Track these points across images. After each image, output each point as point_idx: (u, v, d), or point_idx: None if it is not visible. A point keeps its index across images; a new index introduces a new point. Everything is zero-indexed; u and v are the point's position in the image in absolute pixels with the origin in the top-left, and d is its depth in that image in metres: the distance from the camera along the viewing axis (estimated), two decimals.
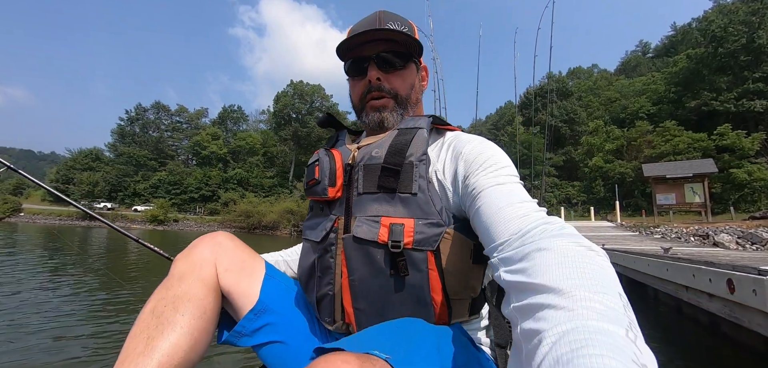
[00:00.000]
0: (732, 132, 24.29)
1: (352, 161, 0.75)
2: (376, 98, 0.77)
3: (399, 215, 0.65)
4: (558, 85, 41.28)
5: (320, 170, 0.75)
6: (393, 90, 0.77)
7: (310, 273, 0.76)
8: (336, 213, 0.73)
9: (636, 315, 0.31)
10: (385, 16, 0.78)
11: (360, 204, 0.70)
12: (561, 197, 30.97)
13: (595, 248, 0.41)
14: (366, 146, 0.75)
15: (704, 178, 17.62)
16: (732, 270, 2.84)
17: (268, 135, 51.22)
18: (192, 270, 0.70)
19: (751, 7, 29.56)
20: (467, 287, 0.67)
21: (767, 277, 2.42)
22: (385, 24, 0.76)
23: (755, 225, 13.34)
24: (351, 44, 0.78)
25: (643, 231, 15.34)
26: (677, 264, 3.88)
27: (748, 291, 2.56)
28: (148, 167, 47.03)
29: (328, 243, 0.72)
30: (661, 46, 58.03)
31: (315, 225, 0.78)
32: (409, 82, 0.80)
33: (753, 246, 11.13)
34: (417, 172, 0.67)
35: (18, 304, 4.60)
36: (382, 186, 0.68)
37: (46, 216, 34.65)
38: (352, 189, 0.72)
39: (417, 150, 0.69)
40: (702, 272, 3.32)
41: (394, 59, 0.77)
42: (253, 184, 43.44)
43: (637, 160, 27.60)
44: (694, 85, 30.53)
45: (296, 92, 46.61)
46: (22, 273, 6.93)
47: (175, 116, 54.96)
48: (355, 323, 0.69)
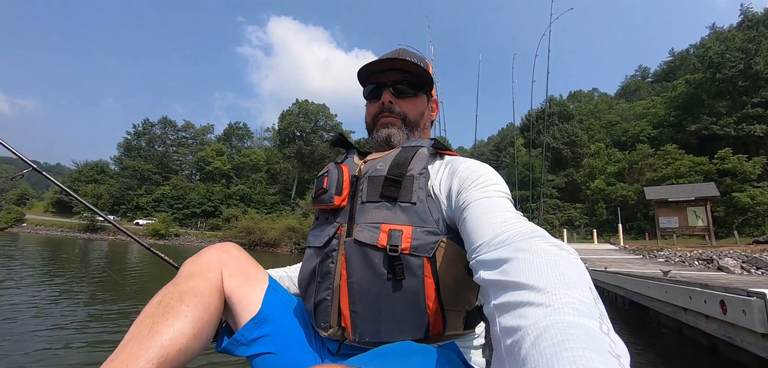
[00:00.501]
0: (733, 156, 24.38)
1: (358, 173, 0.81)
2: (387, 117, 0.86)
3: (398, 222, 0.69)
4: (559, 108, 41.76)
5: (329, 180, 0.81)
6: (402, 112, 0.86)
7: (310, 279, 0.79)
8: (340, 221, 0.77)
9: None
10: (404, 52, 0.89)
11: (363, 211, 0.74)
12: (563, 219, 30.83)
13: (567, 247, 0.44)
14: (372, 160, 0.82)
15: (706, 201, 17.60)
16: (724, 291, 2.99)
17: (272, 152, 51.68)
18: (200, 272, 0.73)
19: (746, 35, 30.22)
20: (462, 298, 0.70)
21: (754, 298, 2.58)
22: (402, 57, 0.86)
23: (759, 250, 13.25)
24: (371, 70, 0.89)
25: (646, 255, 15.23)
26: (675, 287, 3.99)
27: (738, 311, 2.71)
28: (151, 181, 47.37)
29: (330, 249, 0.75)
30: (660, 71, 58.97)
31: (319, 232, 0.81)
32: (419, 109, 0.88)
33: (758, 271, 11.04)
34: (417, 183, 0.72)
35: (19, 312, 4.63)
36: (384, 195, 0.73)
37: (49, 227, 34.78)
38: (356, 199, 0.77)
39: (418, 165, 0.75)
40: (697, 294, 3.45)
41: (406, 88, 0.87)
42: (256, 201, 43.55)
43: (638, 183, 27.61)
44: (693, 109, 30.85)
45: (301, 111, 47.34)
46: (23, 282, 6.97)
47: (181, 131, 55.77)
48: (350, 327, 0.70)
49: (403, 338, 0.66)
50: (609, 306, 7.05)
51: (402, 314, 0.67)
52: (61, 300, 5.50)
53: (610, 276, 7.28)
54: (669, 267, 8.18)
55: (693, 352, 3.83)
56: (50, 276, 7.72)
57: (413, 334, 0.67)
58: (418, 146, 0.79)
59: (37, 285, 6.64)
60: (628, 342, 3.55)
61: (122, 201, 44.02)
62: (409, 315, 0.67)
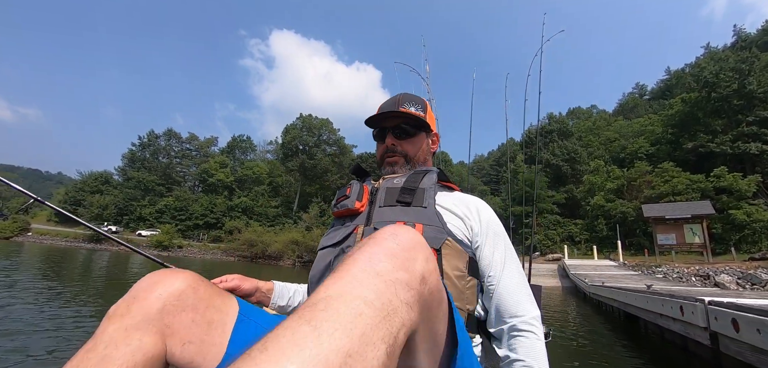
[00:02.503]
0: (728, 174, 24.80)
1: (377, 187, 0.94)
2: (391, 156, 0.99)
3: (411, 220, 0.80)
4: (559, 125, 42.44)
5: (351, 191, 0.93)
6: (404, 151, 0.99)
7: (323, 273, 0.84)
8: (357, 222, 0.87)
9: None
10: (404, 98, 1.03)
11: (380, 214, 0.85)
12: (564, 235, 31.06)
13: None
14: (390, 178, 0.96)
15: (702, 219, 17.97)
16: (683, 299, 3.91)
17: (275, 165, 52.15)
18: (123, 336, 0.57)
19: (740, 56, 31.05)
20: (464, 296, 0.78)
21: (698, 303, 3.52)
22: (402, 104, 1.00)
23: (755, 266, 13.57)
24: (377, 119, 1.03)
25: (645, 271, 15.49)
26: (654, 297, 4.89)
27: (689, 312, 3.67)
28: (155, 192, 47.59)
29: (346, 244, 0.83)
30: (657, 88, 60.02)
31: (334, 233, 0.90)
32: (418, 146, 1.01)
33: (753, 287, 11.35)
34: (427, 194, 0.85)
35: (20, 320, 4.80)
36: (399, 201, 0.85)
37: (53, 237, 35.00)
38: (374, 206, 0.88)
39: (428, 183, 0.89)
40: (667, 302, 4.35)
41: (407, 129, 1.00)
42: (258, 213, 43.77)
43: (637, 200, 27.97)
44: (690, 127, 31.38)
45: (305, 125, 48.03)
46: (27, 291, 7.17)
47: (185, 144, 56.34)
48: None
49: None
50: (605, 316, 7.70)
51: None
52: (66, 310, 5.69)
53: (606, 290, 7.99)
54: (652, 282, 8.79)
55: (672, 351, 4.60)
56: (49, 288, 7.99)
57: None
58: (427, 171, 0.94)
59: (41, 295, 6.83)
60: (623, 346, 4.64)
61: (125, 211, 44.28)
62: None
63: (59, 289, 7.90)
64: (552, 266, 18.75)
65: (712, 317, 3.26)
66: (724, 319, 3.03)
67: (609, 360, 4.61)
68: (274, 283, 1.04)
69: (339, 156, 48.72)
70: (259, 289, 0.99)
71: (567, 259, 21.43)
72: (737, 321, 2.82)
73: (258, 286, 0.99)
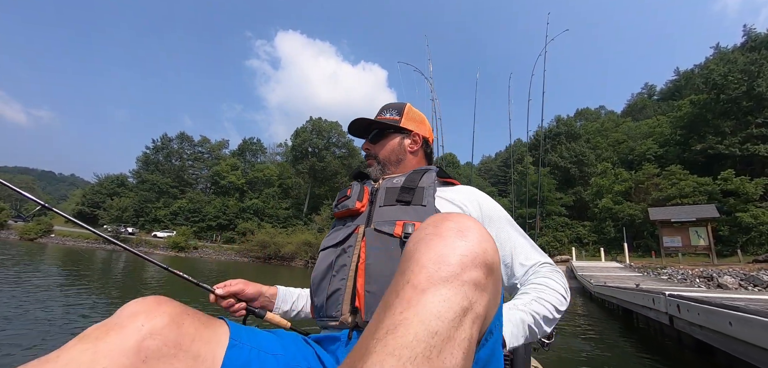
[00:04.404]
0: (736, 177, 24.97)
1: (377, 187, 0.96)
2: (368, 159, 1.07)
3: (411, 218, 0.81)
4: (566, 127, 42.66)
5: (352, 191, 0.95)
6: (375, 154, 1.06)
7: (325, 272, 0.85)
8: (358, 222, 0.88)
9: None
10: (383, 108, 1.12)
11: (380, 213, 0.86)
12: (572, 237, 31.35)
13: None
14: (389, 177, 0.98)
15: (707, 222, 18.31)
16: (654, 293, 5.25)
17: (285, 167, 53.07)
18: (91, 362, 0.51)
19: (749, 57, 31.00)
20: None
21: (662, 295, 4.88)
22: (379, 114, 1.10)
23: (757, 268, 13.91)
24: (355, 127, 1.11)
25: (650, 273, 15.89)
26: (640, 293, 6.12)
27: (659, 303, 5.00)
28: (169, 194, 48.69)
29: (347, 245, 0.84)
30: (666, 89, 59.63)
31: (336, 233, 0.91)
32: (389, 147, 1.05)
33: (755, 288, 11.78)
34: (427, 193, 0.87)
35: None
36: (399, 200, 0.86)
37: (76, 238, 36.33)
38: (374, 205, 0.89)
39: (427, 181, 0.90)
40: (646, 296, 5.68)
41: (377, 134, 1.07)
42: (269, 215, 44.65)
43: (644, 202, 28.19)
44: (699, 128, 31.40)
45: (315, 128, 48.90)
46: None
47: (197, 146, 57.63)
48: (363, 308, 0.74)
49: None
50: (608, 312, 8.69)
51: None
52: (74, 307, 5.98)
53: (607, 290, 9.03)
54: (641, 280, 9.94)
55: (652, 333, 5.94)
56: (69, 286, 8.32)
57: None
58: (427, 169, 0.96)
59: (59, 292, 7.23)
60: (621, 336, 6.09)
61: (141, 213, 45.60)
62: None
63: (74, 289, 8.23)
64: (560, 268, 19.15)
65: (669, 305, 4.64)
66: (673, 305, 4.47)
67: (609, 346, 5.66)
68: (278, 288, 1.07)
69: (348, 158, 49.51)
70: (263, 294, 1.02)
71: (575, 261, 21.79)
72: (680, 306, 4.29)
73: (261, 291, 1.01)
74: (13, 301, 6.04)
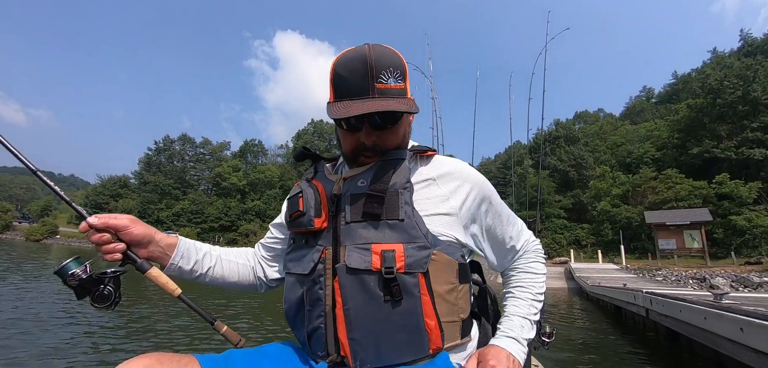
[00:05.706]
0: (730, 181, 25.45)
1: (337, 191, 0.75)
2: (369, 156, 0.76)
3: (388, 240, 0.67)
4: (565, 131, 43.14)
5: (304, 202, 0.75)
6: (385, 147, 0.76)
7: (299, 307, 0.75)
8: (322, 243, 0.73)
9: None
10: (378, 63, 0.70)
11: (348, 232, 0.70)
12: (571, 239, 31.81)
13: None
14: (352, 177, 0.76)
15: (701, 225, 18.80)
16: (635, 291, 6.36)
17: (286, 169, 53.49)
18: None
19: (744, 63, 31.54)
20: (457, 308, 0.71)
21: (640, 292, 5.97)
22: (378, 78, 0.69)
23: (748, 270, 14.40)
24: (344, 113, 0.69)
25: (646, 274, 16.37)
26: (626, 291, 7.05)
27: (639, 299, 5.97)
28: (171, 196, 48.96)
29: (317, 275, 0.71)
30: (663, 92, 60.15)
31: (300, 257, 0.76)
32: (401, 134, 0.78)
33: (746, 289, 12.24)
34: (402, 198, 0.69)
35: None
36: (367, 212, 0.69)
37: (80, 239, 36.68)
38: (340, 219, 0.72)
39: (401, 179, 0.72)
40: (629, 293, 6.68)
41: (386, 123, 0.74)
42: (270, 216, 44.78)
43: (642, 205, 28.69)
44: (696, 132, 31.86)
45: (316, 130, 49.40)
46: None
47: (199, 148, 58.02)
48: (350, 356, 0.67)
49: (404, 359, 0.67)
50: (602, 311, 9.40)
51: (402, 335, 0.66)
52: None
53: (600, 289, 9.85)
54: (627, 282, 10.50)
55: (635, 326, 7.03)
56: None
57: (414, 354, 0.67)
58: (398, 159, 0.75)
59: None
60: (611, 327, 7.38)
61: (144, 215, 45.92)
62: (409, 335, 0.66)
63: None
64: (559, 269, 19.58)
65: (645, 300, 5.67)
66: (648, 300, 5.51)
67: (602, 334, 6.79)
68: (179, 239, 0.85)
69: None
70: (154, 240, 0.79)
71: (573, 263, 22.24)
72: (652, 300, 5.31)
73: (153, 236, 0.79)
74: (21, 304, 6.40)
